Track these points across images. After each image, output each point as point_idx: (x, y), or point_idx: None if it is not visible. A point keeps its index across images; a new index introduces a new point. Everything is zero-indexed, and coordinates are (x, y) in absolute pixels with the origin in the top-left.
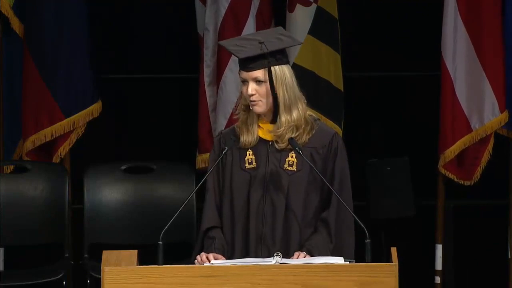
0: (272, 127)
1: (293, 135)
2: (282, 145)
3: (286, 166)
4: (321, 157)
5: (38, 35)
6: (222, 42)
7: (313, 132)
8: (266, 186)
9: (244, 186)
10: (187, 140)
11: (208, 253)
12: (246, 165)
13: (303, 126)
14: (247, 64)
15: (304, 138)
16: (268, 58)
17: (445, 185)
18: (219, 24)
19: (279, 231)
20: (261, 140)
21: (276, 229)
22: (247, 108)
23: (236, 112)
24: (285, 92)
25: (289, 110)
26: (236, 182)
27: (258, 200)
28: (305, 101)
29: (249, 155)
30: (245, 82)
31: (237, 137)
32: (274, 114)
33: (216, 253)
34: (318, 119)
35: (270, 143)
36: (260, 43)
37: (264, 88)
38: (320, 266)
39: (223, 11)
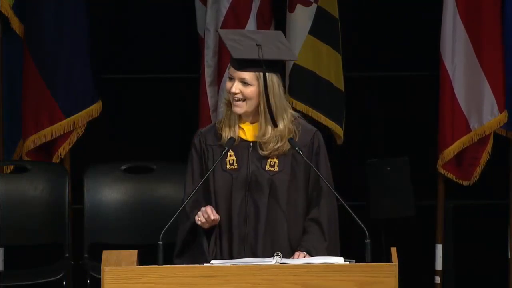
0: (257, 131)
1: (278, 145)
2: (265, 153)
3: (267, 166)
4: (304, 155)
5: (38, 35)
6: (220, 31)
7: (297, 137)
8: (248, 187)
9: (226, 187)
10: (187, 140)
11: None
12: (228, 166)
13: (286, 136)
14: (238, 62)
15: (286, 146)
16: (262, 65)
17: (445, 185)
18: (220, 24)
19: (261, 232)
20: (242, 140)
21: (258, 230)
22: (230, 104)
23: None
24: (273, 101)
25: (269, 121)
26: (218, 183)
27: (240, 201)
28: (291, 109)
29: (230, 156)
30: (231, 78)
31: (218, 136)
32: (254, 117)
33: None
34: (299, 117)
35: (251, 143)
36: (258, 45)
37: (249, 90)
38: (320, 266)
39: (224, 11)
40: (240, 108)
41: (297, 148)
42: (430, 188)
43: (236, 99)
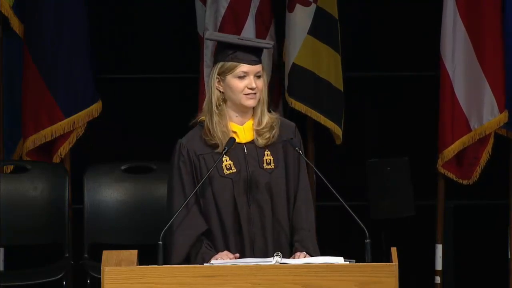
0: (247, 132)
1: (273, 132)
2: (262, 142)
3: (265, 165)
4: (290, 148)
5: (38, 35)
6: (208, 35)
7: (279, 125)
8: (249, 188)
9: (228, 192)
10: None
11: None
12: (225, 171)
13: (275, 122)
14: (249, 57)
15: (276, 133)
16: (262, 52)
17: (445, 185)
18: (218, 24)
19: (269, 232)
20: (236, 144)
21: (267, 230)
22: (218, 110)
23: (201, 116)
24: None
25: (266, 109)
26: (218, 190)
27: (245, 204)
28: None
29: (226, 160)
30: (243, 77)
31: (208, 144)
32: (247, 116)
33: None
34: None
35: (245, 145)
36: (240, 39)
37: (261, 82)
38: (320, 266)
39: (222, 11)
40: (254, 100)
41: (297, 148)
42: (430, 188)
43: (253, 94)
